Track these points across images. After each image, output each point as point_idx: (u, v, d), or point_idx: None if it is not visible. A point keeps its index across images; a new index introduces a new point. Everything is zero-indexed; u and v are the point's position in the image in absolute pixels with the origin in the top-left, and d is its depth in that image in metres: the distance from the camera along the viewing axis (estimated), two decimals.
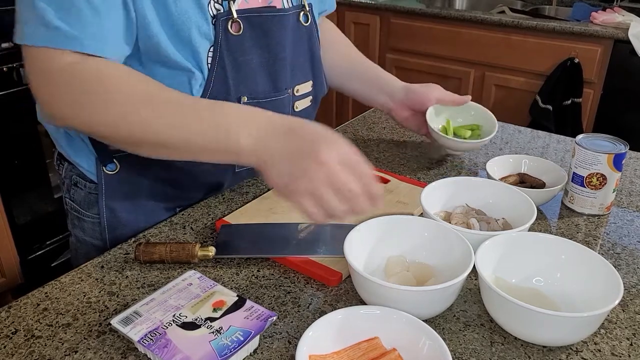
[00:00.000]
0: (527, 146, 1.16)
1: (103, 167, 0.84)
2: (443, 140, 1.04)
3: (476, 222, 0.80)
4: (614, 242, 0.84)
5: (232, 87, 0.80)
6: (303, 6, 0.88)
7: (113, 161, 0.84)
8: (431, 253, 0.73)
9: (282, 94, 0.87)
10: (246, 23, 0.79)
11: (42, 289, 0.71)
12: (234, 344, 0.58)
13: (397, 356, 0.59)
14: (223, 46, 0.77)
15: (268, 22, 0.82)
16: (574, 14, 2.48)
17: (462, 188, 0.87)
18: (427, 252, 0.73)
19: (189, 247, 0.74)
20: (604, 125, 2.23)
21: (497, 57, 2.38)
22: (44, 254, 2.08)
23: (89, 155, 0.86)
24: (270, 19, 0.82)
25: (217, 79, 0.78)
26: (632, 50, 2.06)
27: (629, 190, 0.99)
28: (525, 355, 0.62)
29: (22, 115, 1.86)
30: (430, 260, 0.73)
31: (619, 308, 0.70)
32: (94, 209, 0.89)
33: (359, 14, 2.71)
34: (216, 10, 0.76)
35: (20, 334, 0.64)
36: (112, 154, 0.84)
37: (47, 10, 0.65)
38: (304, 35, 0.89)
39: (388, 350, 0.60)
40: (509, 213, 0.82)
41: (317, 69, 0.94)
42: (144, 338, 0.59)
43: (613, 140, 0.89)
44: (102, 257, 0.78)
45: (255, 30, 0.81)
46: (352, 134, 1.21)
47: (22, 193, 1.96)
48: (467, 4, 2.93)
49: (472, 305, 0.70)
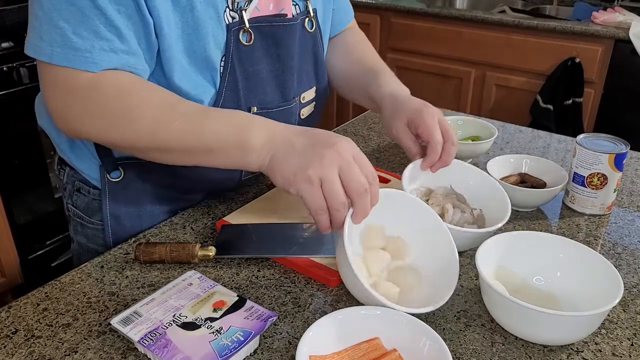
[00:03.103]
0: (528, 146, 1.16)
1: (107, 174, 0.84)
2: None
3: (451, 208, 0.81)
4: (615, 242, 0.84)
5: (243, 97, 0.80)
6: (308, 12, 0.88)
7: (118, 168, 0.84)
8: (411, 231, 0.74)
9: (290, 103, 0.88)
10: (257, 33, 0.79)
11: (42, 289, 0.71)
12: (234, 344, 0.58)
13: (397, 357, 0.59)
14: (234, 56, 0.78)
15: (279, 32, 0.82)
16: (575, 14, 2.48)
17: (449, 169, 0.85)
18: (406, 228, 0.75)
19: (189, 247, 0.74)
20: (605, 125, 2.22)
21: (498, 56, 2.38)
22: (44, 253, 2.08)
23: (92, 162, 0.85)
24: (281, 28, 0.82)
25: (228, 89, 0.78)
26: (633, 49, 2.05)
27: (629, 190, 0.99)
28: (526, 355, 0.62)
29: (22, 115, 1.85)
30: (407, 238, 0.74)
31: (619, 308, 0.70)
32: (97, 215, 0.89)
33: (360, 14, 2.68)
34: (231, 18, 0.76)
35: (20, 333, 0.64)
36: (116, 161, 0.83)
37: (66, 30, 0.66)
38: (309, 42, 0.89)
39: (388, 350, 0.60)
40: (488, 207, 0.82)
41: (320, 74, 0.94)
42: (144, 338, 0.59)
43: (614, 140, 0.89)
44: (102, 257, 0.78)
45: (266, 40, 0.81)
46: (352, 134, 1.21)
47: (23, 193, 1.96)
48: (468, 3, 2.93)
49: (472, 305, 0.70)
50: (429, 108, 0.84)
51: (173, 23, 0.71)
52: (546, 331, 0.61)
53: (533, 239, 0.72)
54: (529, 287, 0.71)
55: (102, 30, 0.67)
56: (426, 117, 0.82)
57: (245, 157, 0.68)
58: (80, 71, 0.68)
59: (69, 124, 0.72)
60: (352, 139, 0.67)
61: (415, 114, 0.83)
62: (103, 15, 0.66)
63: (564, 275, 0.70)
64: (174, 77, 0.74)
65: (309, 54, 0.90)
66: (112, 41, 0.68)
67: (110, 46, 0.68)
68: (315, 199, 0.64)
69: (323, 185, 0.64)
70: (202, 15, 0.72)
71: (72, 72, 0.68)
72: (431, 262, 0.72)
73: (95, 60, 0.67)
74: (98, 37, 0.67)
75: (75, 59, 0.67)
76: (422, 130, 0.82)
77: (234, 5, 0.76)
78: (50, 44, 0.67)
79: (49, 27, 0.66)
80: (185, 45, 0.73)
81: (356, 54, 1.02)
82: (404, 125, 0.84)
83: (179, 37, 0.72)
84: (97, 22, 0.66)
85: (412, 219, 0.75)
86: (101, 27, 0.67)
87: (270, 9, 0.81)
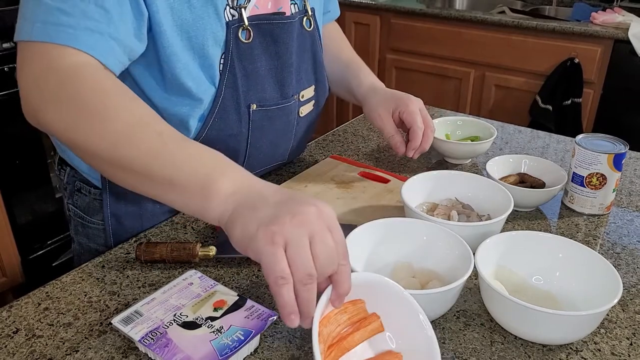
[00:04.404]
0: (527, 146, 1.17)
1: None
2: (445, 147, 1.04)
3: (456, 215, 0.82)
4: (614, 241, 0.84)
5: (242, 94, 0.81)
6: (306, 11, 0.88)
7: None
8: (432, 257, 0.73)
9: (289, 101, 0.88)
10: (256, 30, 0.80)
11: (43, 289, 0.71)
12: (234, 344, 0.58)
13: (379, 324, 0.59)
14: (234, 54, 0.78)
15: (277, 30, 0.82)
16: (574, 14, 2.48)
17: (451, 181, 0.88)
18: (428, 255, 0.73)
19: (190, 247, 0.74)
20: (604, 125, 2.23)
21: (497, 57, 2.38)
22: (45, 253, 2.08)
23: None
24: (280, 26, 0.82)
25: (227, 87, 0.79)
26: (632, 50, 2.06)
27: (628, 190, 0.99)
28: (525, 354, 0.63)
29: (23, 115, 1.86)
30: (433, 266, 0.72)
31: (618, 307, 0.70)
32: (98, 215, 0.89)
33: (360, 14, 2.71)
34: (231, 15, 0.76)
35: (21, 333, 0.64)
36: None
37: (50, 6, 0.63)
38: (308, 41, 0.90)
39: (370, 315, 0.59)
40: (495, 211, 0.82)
41: (319, 73, 0.95)
42: (144, 337, 0.59)
43: (613, 140, 0.89)
44: (103, 257, 0.78)
45: (265, 38, 0.81)
46: (352, 134, 1.21)
47: (23, 193, 1.96)
48: (467, 4, 2.93)
49: (472, 305, 0.70)
50: (411, 98, 0.94)
51: (172, 20, 0.71)
52: (545, 330, 0.61)
53: (532, 238, 0.72)
54: (529, 286, 0.71)
55: (91, 10, 0.63)
56: (410, 105, 0.92)
57: (206, 203, 0.56)
58: (62, 49, 0.62)
59: (34, 108, 0.65)
60: (352, 139, 0.67)
61: (401, 102, 0.93)
62: None
63: (563, 275, 0.70)
64: (177, 74, 0.74)
65: (307, 53, 0.91)
66: (99, 22, 0.64)
67: (97, 27, 0.64)
68: (275, 263, 0.50)
69: (288, 249, 0.50)
70: (201, 12, 0.73)
71: (52, 49, 0.63)
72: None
73: (78, 37, 0.63)
74: (85, 17, 0.63)
75: (56, 34, 0.62)
76: (406, 117, 0.91)
77: (233, 3, 0.76)
78: (32, 21, 0.63)
79: (34, 5, 0.63)
80: (185, 43, 0.73)
81: (334, 51, 1.07)
82: (389, 113, 0.94)
83: (179, 34, 0.72)
84: (86, 1, 0.63)
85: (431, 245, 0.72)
86: (90, 6, 0.63)
87: (269, 7, 0.82)
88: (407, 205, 0.79)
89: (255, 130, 0.85)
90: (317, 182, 0.97)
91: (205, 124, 0.80)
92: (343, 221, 0.85)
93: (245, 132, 0.84)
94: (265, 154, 0.91)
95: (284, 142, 0.93)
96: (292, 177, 0.99)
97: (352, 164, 1.04)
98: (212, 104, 0.79)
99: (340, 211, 0.88)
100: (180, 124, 0.79)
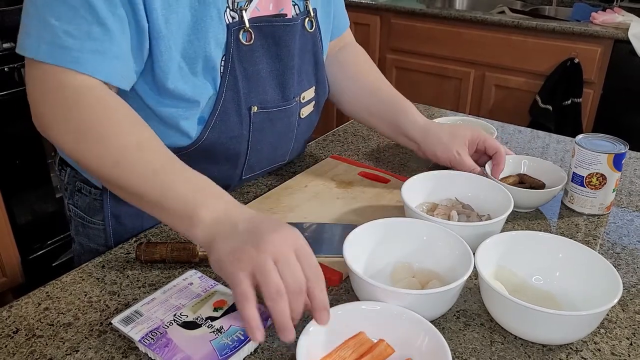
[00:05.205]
0: (527, 146, 1.17)
1: None
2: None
3: (456, 215, 0.82)
4: (614, 241, 0.84)
5: (243, 96, 0.80)
6: (308, 12, 0.88)
7: None
8: (432, 257, 0.73)
9: (290, 103, 0.88)
10: (257, 32, 0.79)
11: (43, 289, 0.71)
12: (234, 344, 0.58)
13: (386, 346, 0.59)
14: (235, 56, 0.78)
15: (279, 32, 0.82)
16: (574, 14, 2.48)
17: (451, 181, 0.89)
18: (428, 255, 0.73)
19: (190, 247, 0.75)
20: (604, 125, 2.23)
21: (497, 57, 2.38)
22: (45, 253, 2.08)
23: None
24: (282, 28, 0.82)
25: (228, 89, 0.79)
26: (632, 50, 2.06)
27: (628, 190, 0.99)
28: (525, 354, 0.63)
29: (23, 115, 1.85)
30: (433, 266, 0.72)
31: (618, 307, 0.70)
32: (99, 215, 0.89)
33: (360, 14, 2.71)
34: (232, 18, 0.76)
35: (21, 333, 0.64)
36: None
37: (57, 28, 0.65)
38: (309, 42, 0.90)
39: (376, 342, 0.60)
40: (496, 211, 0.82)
41: (320, 74, 0.95)
42: (144, 337, 0.59)
43: (613, 140, 0.89)
44: (103, 257, 0.78)
45: (266, 40, 0.81)
46: (352, 134, 1.21)
47: (23, 193, 1.97)
48: (467, 4, 2.93)
49: (472, 305, 0.70)
50: (472, 127, 0.98)
51: (173, 24, 0.71)
52: (545, 330, 0.61)
53: (532, 239, 0.72)
54: (528, 286, 0.71)
55: (94, 31, 0.66)
56: (482, 134, 0.96)
57: (191, 229, 0.63)
58: (68, 72, 0.66)
59: (44, 123, 0.69)
60: (352, 139, 0.67)
61: (475, 134, 0.96)
62: (96, 15, 0.65)
63: (563, 275, 0.70)
64: (167, 82, 0.73)
65: (309, 54, 0.90)
66: (102, 42, 0.66)
67: (101, 47, 0.67)
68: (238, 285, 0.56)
69: (256, 274, 0.56)
70: (202, 15, 0.73)
71: (59, 72, 0.66)
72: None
73: (84, 60, 0.66)
74: (89, 38, 0.66)
75: (61, 57, 0.65)
76: (489, 144, 0.95)
77: (234, 5, 0.76)
78: (38, 41, 0.65)
79: (39, 24, 0.65)
80: (185, 46, 0.73)
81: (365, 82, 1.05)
82: (465, 148, 0.96)
83: (179, 38, 0.72)
84: (89, 22, 0.65)
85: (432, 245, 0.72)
86: (93, 27, 0.66)
87: (270, 9, 0.81)
88: (407, 205, 0.79)
89: (256, 132, 0.85)
90: (317, 182, 0.97)
91: (206, 126, 0.80)
92: (343, 221, 0.85)
93: (246, 134, 0.84)
94: (266, 156, 0.91)
95: (285, 143, 0.93)
96: (292, 177, 0.99)
97: (352, 164, 1.04)
98: (213, 106, 0.79)
99: (340, 211, 0.88)
100: (177, 125, 0.78)
